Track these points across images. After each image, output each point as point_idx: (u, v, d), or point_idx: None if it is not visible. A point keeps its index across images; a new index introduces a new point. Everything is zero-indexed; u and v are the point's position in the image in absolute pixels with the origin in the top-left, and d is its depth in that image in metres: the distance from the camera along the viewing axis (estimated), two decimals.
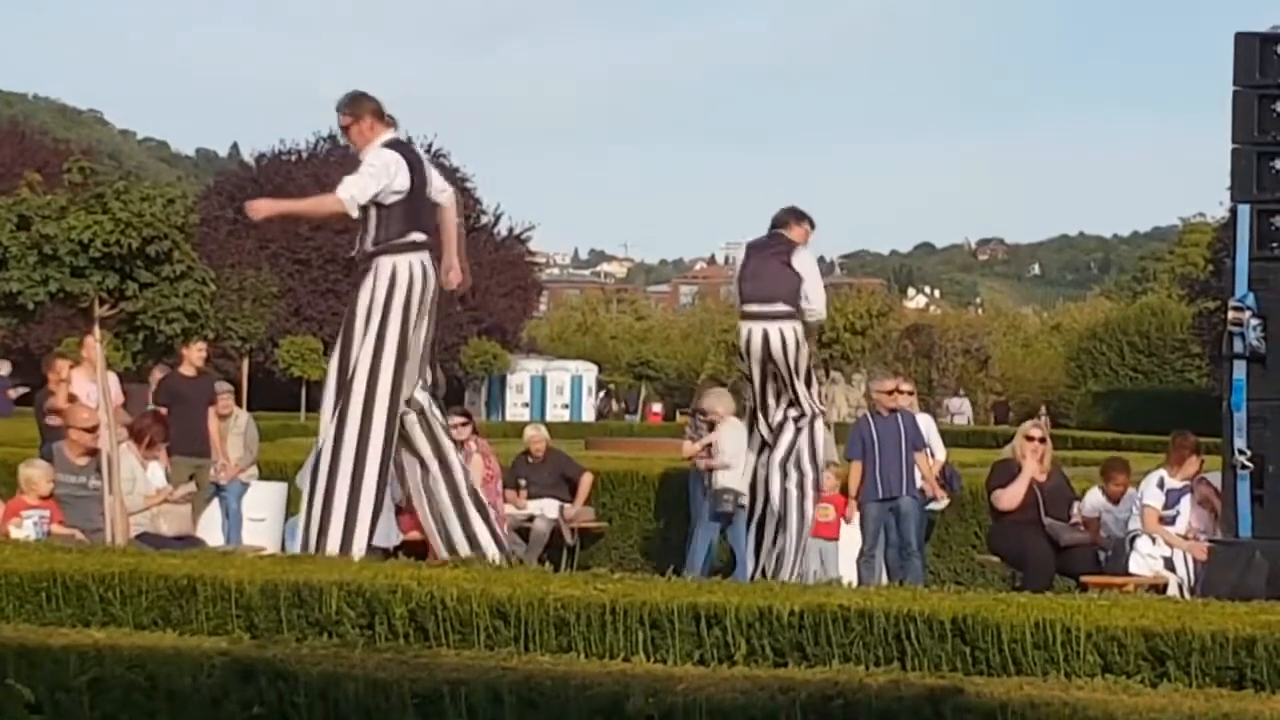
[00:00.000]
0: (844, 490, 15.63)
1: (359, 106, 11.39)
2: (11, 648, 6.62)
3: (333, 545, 11.00)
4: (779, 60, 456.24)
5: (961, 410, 61.47)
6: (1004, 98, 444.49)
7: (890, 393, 15.72)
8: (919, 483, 15.42)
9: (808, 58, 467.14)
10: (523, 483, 17.04)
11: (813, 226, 13.97)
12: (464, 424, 16.37)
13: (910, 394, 16.63)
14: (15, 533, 12.14)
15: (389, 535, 14.27)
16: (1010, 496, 13.79)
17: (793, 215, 13.89)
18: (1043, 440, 14.19)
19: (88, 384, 15.01)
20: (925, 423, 16.48)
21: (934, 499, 15.83)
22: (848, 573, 14.62)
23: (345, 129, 11.49)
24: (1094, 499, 14.29)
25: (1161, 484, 13.31)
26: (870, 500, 15.26)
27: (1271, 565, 10.48)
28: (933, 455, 16.02)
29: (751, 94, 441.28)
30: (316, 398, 12.61)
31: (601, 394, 71.36)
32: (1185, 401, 51.61)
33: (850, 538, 15.50)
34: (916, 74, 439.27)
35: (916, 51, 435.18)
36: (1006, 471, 14.04)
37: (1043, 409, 62.89)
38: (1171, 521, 13.15)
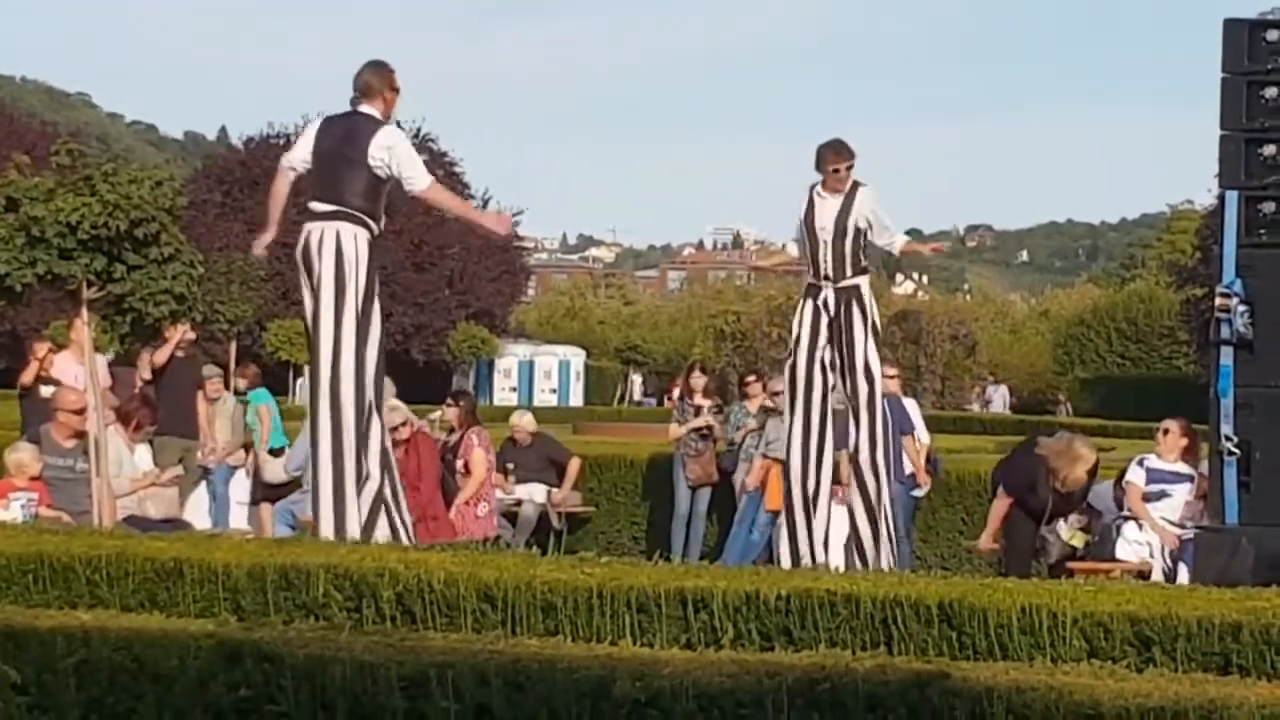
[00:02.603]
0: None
1: None
2: None
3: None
4: (767, 46, 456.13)
5: (993, 399, 60.12)
6: (993, 84, 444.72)
7: (890, 378, 15.75)
8: (907, 468, 15.43)
9: (797, 44, 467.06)
10: (510, 466, 17.04)
11: (818, 167, 12.50)
12: (450, 405, 16.39)
13: (893, 377, 16.65)
14: (2, 514, 12.14)
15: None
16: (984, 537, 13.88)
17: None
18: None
19: (75, 366, 15.00)
20: (909, 407, 16.50)
21: (919, 485, 15.82)
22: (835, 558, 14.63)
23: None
24: (1104, 500, 14.12)
25: (1142, 462, 13.30)
26: None
27: (1258, 551, 10.51)
28: (918, 440, 16.05)
29: (740, 80, 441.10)
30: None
31: (637, 379, 71.04)
32: (1172, 388, 51.69)
33: (838, 522, 15.52)
34: (904, 60, 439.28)
35: (905, 38, 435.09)
36: (1026, 471, 13.51)
37: (1061, 397, 61.96)
38: (1154, 499, 13.11)
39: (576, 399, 66.20)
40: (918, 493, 15.89)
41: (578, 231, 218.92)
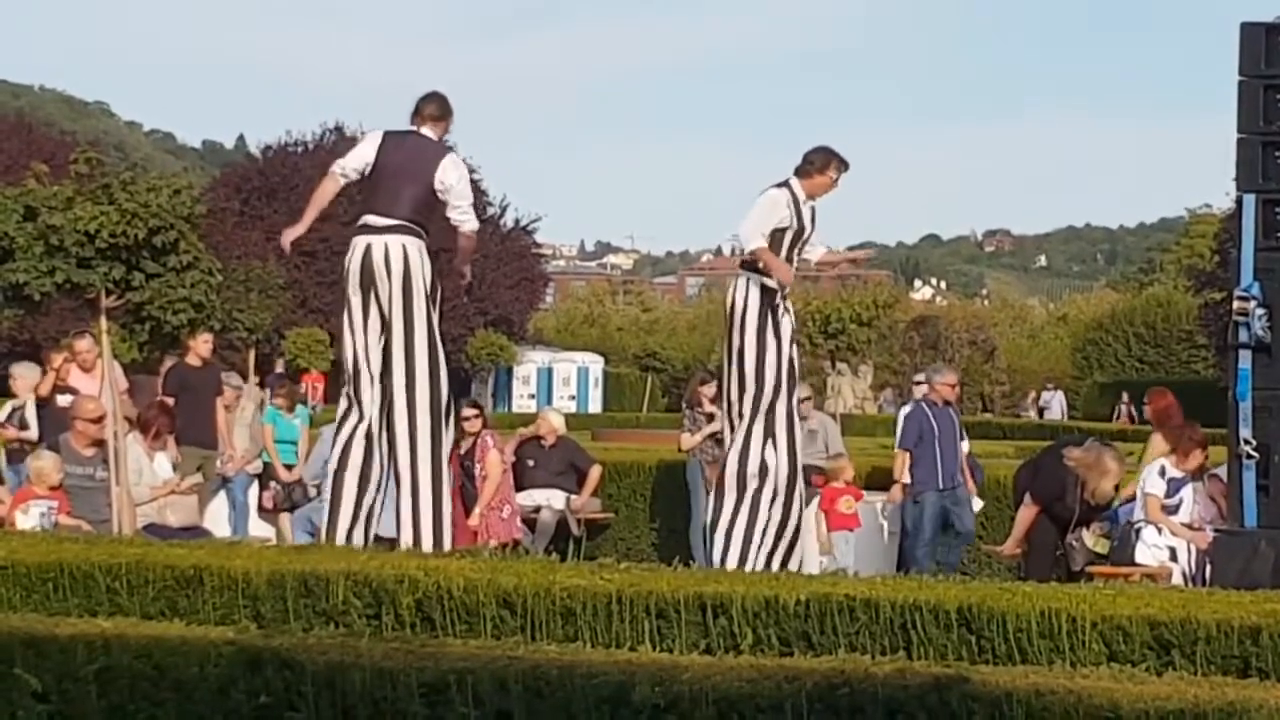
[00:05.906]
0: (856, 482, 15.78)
1: None
2: (19, 637, 6.64)
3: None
4: (785, 51, 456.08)
5: (1050, 405, 59.47)
6: (1010, 88, 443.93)
7: (954, 386, 15.95)
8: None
9: (814, 48, 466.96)
10: (531, 463, 16.90)
11: (821, 171, 12.12)
12: (475, 416, 16.35)
13: (921, 383, 16.85)
14: (21, 519, 12.18)
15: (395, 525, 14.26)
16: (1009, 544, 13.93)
17: (808, 157, 12.20)
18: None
19: (85, 380, 15.10)
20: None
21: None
22: (855, 563, 14.64)
23: None
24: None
25: (1163, 472, 13.24)
26: (930, 489, 15.33)
27: (1277, 554, 10.49)
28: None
29: (759, 85, 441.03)
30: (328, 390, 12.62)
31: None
32: (1191, 392, 51.07)
33: (871, 526, 15.69)
34: (922, 64, 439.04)
35: (922, 41, 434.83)
36: (1055, 480, 13.60)
37: (1124, 396, 60.29)
38: (1173, 510, 13.10)
39: (595, 406, 66.17)
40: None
41: (596, 238, 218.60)
